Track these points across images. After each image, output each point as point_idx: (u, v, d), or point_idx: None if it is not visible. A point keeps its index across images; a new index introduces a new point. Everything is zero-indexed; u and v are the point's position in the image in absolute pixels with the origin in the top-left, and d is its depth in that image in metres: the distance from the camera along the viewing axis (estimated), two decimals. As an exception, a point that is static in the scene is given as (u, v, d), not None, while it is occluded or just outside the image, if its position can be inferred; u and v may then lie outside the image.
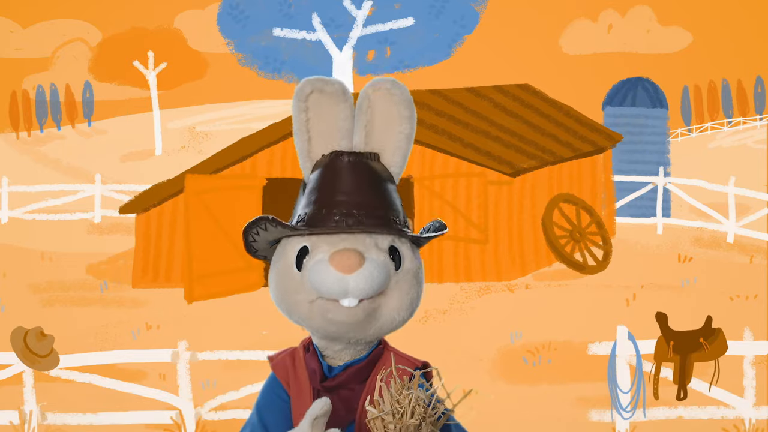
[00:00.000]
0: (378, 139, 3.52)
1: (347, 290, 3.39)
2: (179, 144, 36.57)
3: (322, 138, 3.51)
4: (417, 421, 3.25)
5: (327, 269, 3.39)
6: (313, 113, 3.50)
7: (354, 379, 3.50)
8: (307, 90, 3.50)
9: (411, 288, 3.55)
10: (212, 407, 10.60)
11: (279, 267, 3.51)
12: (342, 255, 3.38)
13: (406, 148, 3.55)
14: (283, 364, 3.59)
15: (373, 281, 3.40)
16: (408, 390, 3.28)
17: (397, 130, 3.53)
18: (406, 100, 3.52)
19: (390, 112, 3.51)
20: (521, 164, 17.22)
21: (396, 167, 3.55)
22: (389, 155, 3.54)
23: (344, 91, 3.50)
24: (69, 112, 41.60)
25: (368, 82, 3.52)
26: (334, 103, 3.50)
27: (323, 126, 3.51)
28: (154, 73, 36.55)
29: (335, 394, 3.49)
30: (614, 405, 10.17)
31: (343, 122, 3.50)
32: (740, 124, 41.82)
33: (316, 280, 3.40)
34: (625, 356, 10.13)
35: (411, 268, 3.54)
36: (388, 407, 3.25)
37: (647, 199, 22.64)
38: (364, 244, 3.43)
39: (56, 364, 9.88)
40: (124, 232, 21.32)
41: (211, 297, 16.08)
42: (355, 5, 31.67)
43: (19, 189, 24.02)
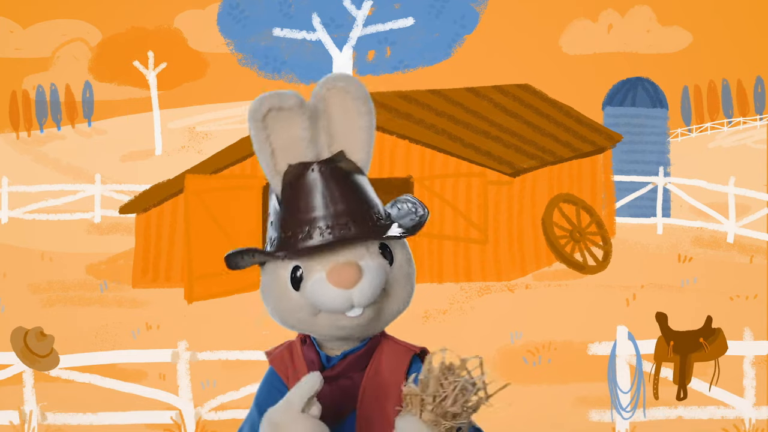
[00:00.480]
0: (341, 138, 3.48)
1: (351, 303, 3.40)
2: (179, 144, 36.57)
3: (285, 150, 3.46)
4: (458, 409, 3.25)
5: (327, 288, 3.38)
6: (272, 129, 3.45)
7: (353, 368, 3.51)
8: (264, 110, 3.46)
9: (407, 279, 3.57)
10: (212, 407, 10.60)
11: (274, 290, 3.49)
12: (340, 271, 3.36)
13: (369, 142, 3.49)
14: (281, 358, 3.60)
15: (375, 289, 3.41)
16: (455, 376, 3.27)
17: (357, 125, 3.47)
18: (363, 96, 3.47)
19: (346, 108, 3.47)
20: (521, 164, 17.22)
21: (362, 162, 3.50)
22: (354, 152, 3.49)
23: (301, 104, 3.45)
24: (69, 112, 41.60)
25: (320, 81, 3.49)
26: (293, 116, 3.44)
27: (285, 139, 3.45)
28: (154, 73, 36.55)
29: (335, 384, 3.50)
30: (614, 405, 10.17)
31: (305, 132, 3.44)
32: (740, 124, 41.81)
33: (319, 299, 3.40)
34: (625, 356, 10.12)
35: (402, 259, 3.54)
36: (432, 389, 3.25)
37: (647, 199, 22.64)
38: (356, 253, 3.41)
39: (56, 364, 9.89)
40: (124, 232, 21.32)
41: (211, 297, 16.08)
42: (355, 5, 31.66)
43: (19, 189, 24.01)
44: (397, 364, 3.52)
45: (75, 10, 42.14)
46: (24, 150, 37.90)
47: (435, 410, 3.25)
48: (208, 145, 34.58)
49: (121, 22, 40.97)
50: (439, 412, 3.25)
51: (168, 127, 37.55)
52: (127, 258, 18.46)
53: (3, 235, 22.19)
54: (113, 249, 20.35)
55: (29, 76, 41.89)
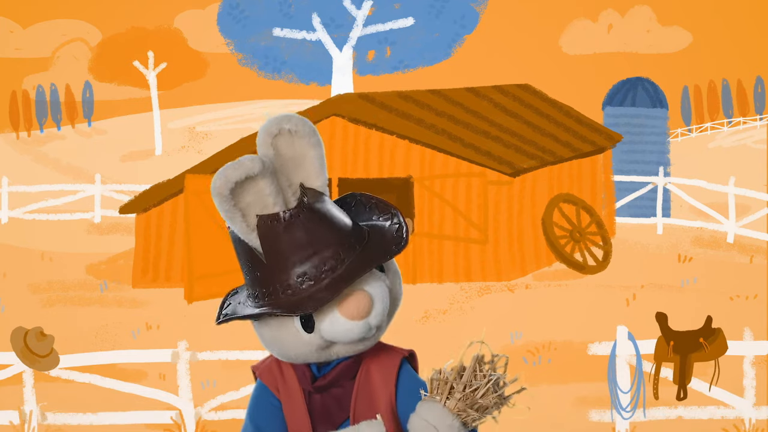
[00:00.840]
0: (296, 176, 3.50)
1: (370, 329, 3.45)
2: (179, 144, 36.57)
3: (254, 208, 3.45)
4: (487, 402, 3.24)
5: (345, 323, 3.41)
6: (238, 199, 3.44)
7: (344, 376, 3.51)
8: (230, 185, 3.42)
9: (398, 281, 3.60)
10: (212, 407, 10.60)
11: (283, 339, 3.47)
12: (352, 305, 3.40)
13: (322, 169, 3.51)
14: (269, 371, 3.59)
15: (385, 309, 3.46)
16: (488, 370, 3.27)
17: (308, 158, 3.49)
18: (309, 131, 3.48)
19: (295, 148, 3.49)
20: (521, 164, 17.22)
21: (322, 187, 3.51)
22: (312, 181, 3.50)
23: (262, 167, 3.42)
24: (69, 112, 41.60)
25: (262, 127, 3.49)
26: (257, 182, 3.43)
27: (251, 200, 3.45)
28: (154, 73, 36.55)
29: (327, 394, 3.50)
30: (614, 405, 10.17)
31: (269, 188, 3.44)
32: (740, 124, 41.82)
33: (339, 335, 3.43)
34: (625, 356, 10.13)
35: (392, 266, 3.57)
36: (466, 378, 3.25)
37: (647, 199, 22.64)
38: (362, 282, 3.43)
39: (56, 364, 9.89)
40: (124, 232, 21.32)
41: (211, 297, 16.07)
42: (355, 5, 31.66)
43: (19, 189, 24.01)
44: (387, 368, 3.53)
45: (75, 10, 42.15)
46: (24, 150, 37.90)
47: (464, 399, 3.24)
48: (208, 145, 34.59)
49: (121, 22, 40.98)
50: (468, 402, 3.24)
51: (168, 127, 37.55)
52: (127, 258, 18.47)
53: (3, 235, 22.19)
54: (113, 249, 20.36)
55: (29, 76, 41.90)
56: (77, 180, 28.24)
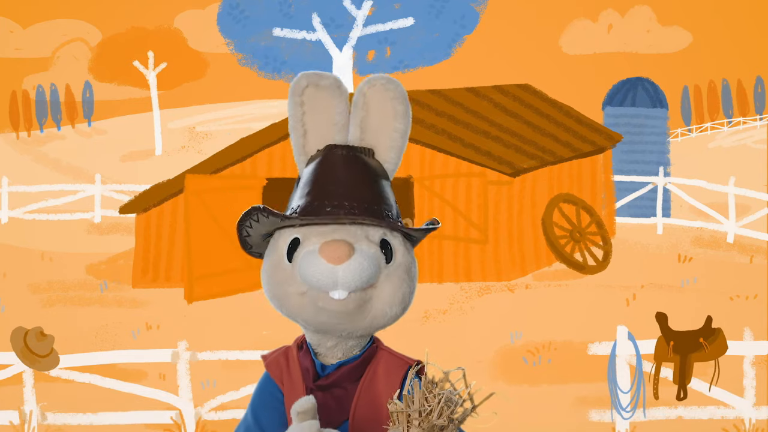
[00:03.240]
0: (373, 135, 3.52)
1: (336, 281, 3.37)
2: (179, 144, 36.56)
3: (318, 132, 3.51)
4: (444, 422, 3.25)
5: (317, 260, 3.37)
6: (309, 107, 3.51)
7: (347, 378, 3.50)
8: (303, 84, 3.51)
9: (403, 282, 3.52)
10: (212, 407, 10.60)
11: (271, 259, 3.51)
12: (331, 246, 3.36)
13: (401, 145, 3.53)
14: (276, 363, 3.59)
15: (362, 272, 3.38)
16: (439, 390, 3.27)
17: (392, 127, 3.51)
18: (401, 96, 3.50)
19: (385, 108, 3.50)
20: (521, 164, 17.22)
21: (390, 164, 3.53)
22: (384, 152, 3.52)
23: (339, 85, 3.50)
24: (69, 112, 41.60)
25: (365, 79, 3.53)
26: (329, 97, 3.50)
27: (318, 120, 3.51)
28: (154, 73, 36.55)
29: (328, 393, 3.49)
30: (614, 405, 10.17)
31: (339, 116, 3.50)
32: (740, 124, 41.82)
33: (306, 271, 3.39)
34: (625, 356, 10.13)
35: (403, 262, 3.51)
36: (416, 405, 3.24)
37: (647, 199, 22.64)
38: (354, 236, 3.41)
39: (56, 364, 9.89)
40: (124, 232, 21.33)
41: (211, 297, 16.08)
42: (355, 5, 31.66)
43: (19, 189, 24.01)
44: (392, 376, 3.51)
45: (75, 10, 42.15)
46: (24, 150, 37.90)
47: (422, 425, 3.25)
48: (208, 145, 34.58)
49: (121, 22, 40.98)
50: (425, 427, 3.25)
51: (168, 127, 37.55)
52: (127, 258, 18.47)
53: (3, 235, 22.19)
54: (113, 249, 20.36)
55: (29, 76, 41.90)
56: (77, 180, 28.23)
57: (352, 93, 3.55)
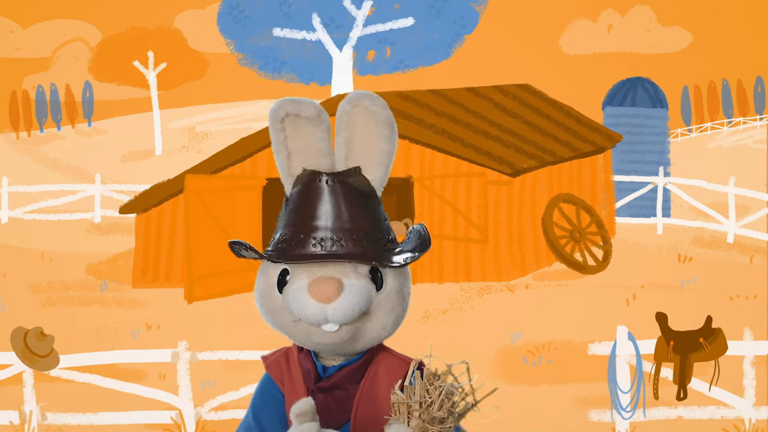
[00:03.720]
0: (358, 154, 3.49)
1: (326, 318, 3.39)
2: (179, 144, 36.55)
3: (301, 154, 3.49)
4: (444, 414, 3.25)
5: (305, 299, 3.38)
6: (290, 132, 3.49)
7: (349, 380, 3.49)
8: (282, 114, 3.49)
9: (395, 306, 3.50)
10: (212, 407, 10.60)
11: (262, 287, 3.51)
12: (319, 285, 3.36)
13: (387, 163, 3.49)
14: (277, 364, 3.59)
15: (352, 309, 3.38)
16: (440, 382, 3.27)
17: (378, 147, 3.47)
18: (387, 120, 3.46)
19: (370, 130, 3.47)
20: (521, 164, 17.21)
21: (377, 181, 3.50)
22: (371, 170, 3.49)
23: (319, 114, 3.47)
24: (69, 112, 41.59)
25: (346, 96, 3.50)
26: (310, 126, 3.48)
27: (301, 144, 3.49)
28: (154, 73, 36.55)
29: (330, 395, 3.49)
30: (614, 405, 10.17)
31: (321, 142, 3.47)
32: (740, 124, 41.81)
33: (296, 308, 3.40)
34: (625, 356, 10.12)
35: (394, 286, 3.48)
36: (417, 396, 3.25)
37: (647, 199, 22.64)
38: (342, 270, 3.40)
39: (56, 364, 9.88)
40: (124, 232, 21.32)
41: (211, 297, 16.08)
42: (355, 5, 31.66)
43: (19, 189, 24.01)
44: (394, 377, 3.50)
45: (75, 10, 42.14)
46: (24, 150, 37.89)
47: (422, 416, 3.26)
48: (208, 145, 34.57)
49: (121, 22, 40.96)
50: (426, 418, 3.26)
51: (168, 127, 37.54)
52: (127, 258, 18.46)
53: (3, 235, 22.18)
54: (113, 249, 20.35)
55: (29, 76, 41.88)
56: (77, 180, 28.22)
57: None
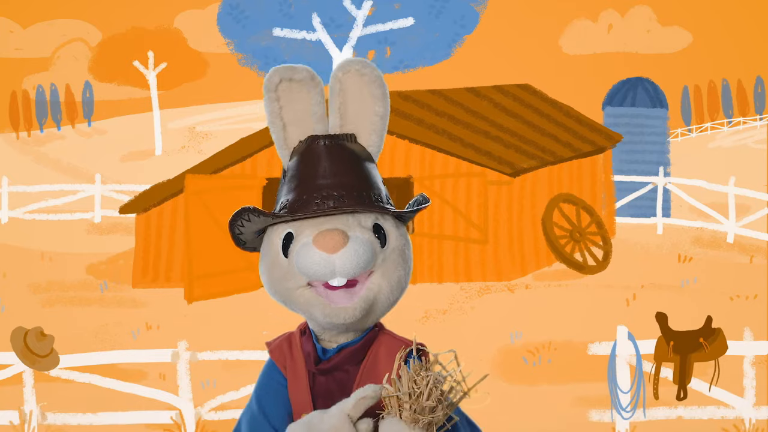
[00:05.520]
0: (353, 120, 3.52)
1: (334, 270, 3.39)
2: (179, 144, 36.58)
3: (297, 125, 3.52)
4: (433, 403, 3.25)
5: (312, 251, 3.38)
6: (285, 101, 3.51)
7: (348, 361, 3.50)
8: (276, 80, 3.51)
9: (398, 266, 3.51)
10: (212, 407, 10.60)
11: (267, 257, 3.51)
12: (325, 235, 3.37)
13: (381, 128, 3.53)
14: (279, 349, 3.60)
15: (359, 258, 3.39)
16: (427, 372, 3.28)
17: (371, 111, 3.51)
18: (378, 80, 3.50)
19: (362, 93, 3.50)
20: (521, 164, 17.22)
21: (374, 147, 3.54)
22: (366, 136, 3.53)
23: (313, 77, 3.50)
24: (69, 112, 41.62)
25: (337, 64, 3.53)
26: (304, 90, 3.50)
27: (296, 113, 3.52)
28: (154, 73, 36.55)
29: (330, 377, 3.50)
30: (614, 405, 10.17)
31: (316, 107, 3.50)
32: (740, 124, 41.84)
33: (302, 263, 3.40)
34: (625, 356, 10.13)
35: (397, 245, 3.51)
36: (406, 388, 3.25)
37: (647, 199, 22.64)
38: (347, 224, 3.42)
39: (56, 364, 9.88)
40: (124, 232, 21.33)
41: (211, 297, 16.08)
42: (355, 5, 31.67)
43: (19, 189, 24.02)
44: (394, 358, 3.50)
45: (75, 10, 42.18)
46: (24, 150, 37.91)
47: (413, 407, 3.26)
48: (208, 145, 34.59)
49: (121, 22, 41.00)
50: (416, 409, 3.26)
51: (168, 127, 37.56)
52: (127, 258, 18.46)
53: (3, 235, 22.19)
54: (113, 249, 20.36)
55: (29, 76, 41.93)
56: (77, 180, 28.25)
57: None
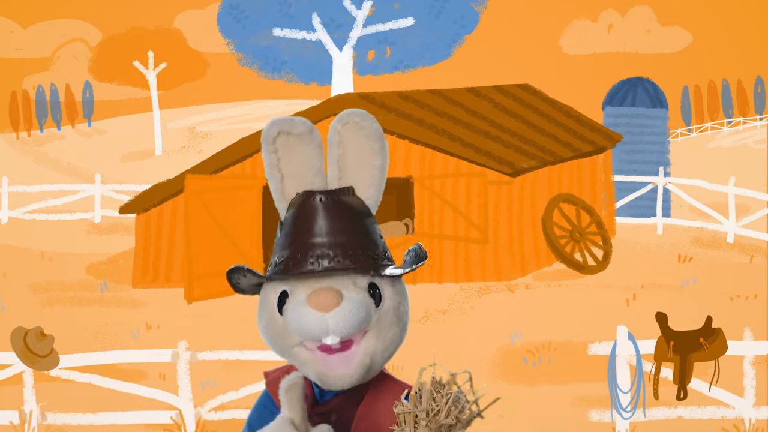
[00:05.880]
0: (351, 173, 3.50)
1: (327, 329, 3.37)
2: (179, 144, 36.58)
3: (294, 177, 3.51)
4: (452, 421, 3.25)
5: (305, 310, 3.37)
6: (283, 154, 3.51)
7: (347, 404, 3.48)
8: (274, 133, 3.51)
9: (392, 325, 3.48)
10: (212, 407, 10.60)
11: (264, 313, 3.51)
12: (319, 294, 3.36)
13: (380, 181, 3.50)
14: (276, 382, 3.58)
15: (353, 318, 3.37)
16: (447, 390, 3.27)
17: (370, 164, 3.49)
18: (376, 134, 3.48)
19: (361, 147, 3.48)
20: (521, 164, 17.22)
21: (371, 200, 3.51)
22: (364, 189, 3.50)
23: (311, 131, 3.49)
24: (69, 112, 41.62)
25: (336, 116, 3.52)
26: (302, 144, 3.49)
27: (294, 166, 3.50)
28: (154, 73, 36.55)
29: (327, 419, 3.48)
30: (614, 405, 10.17)
31: (314, 160, 3.48)
32: (740, 124, 41.85)
33: (296, 321, 3.39)
34: (625, 356, 10.13)
35: (392, 305, 3.48)
36: (425, 405, 3.24)
37: (647, 199, 22.65)
38: (341, 284, 3.41)
39: (56, 364, 9.88)
40: (124, 232, 21.33)
41: (211, 297, 16.07)
42: (355, 5, 31.67)
43: (19, 189, 24.02)
44: (393, 402, 3.49)
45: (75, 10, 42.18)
46: (24, 150, 37.91)
47: (429, 425, 3.25)
48: (208, 145, 34.59)
49: (121, 22, 41.01)
50: (433, 427, 3.25)
51: (168, 127, 37.56)
52: (127, 258, 18.46)
53: (3, 235, 22.19)
54: (113, 249, 20.36)
55: (29, 76, 41.93)
56: (77, 180, 28.25)
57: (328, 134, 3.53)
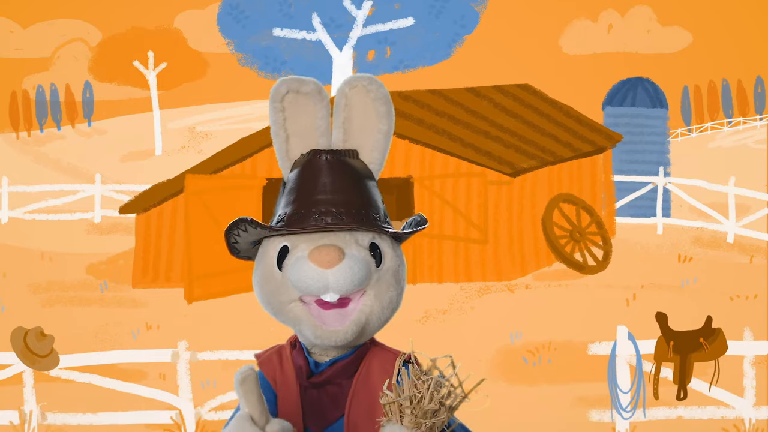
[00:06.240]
0: (356, 136, 3.52)
1: (327, 285, 3.38)
2: (179, 144, 36.57)
3: (300, 137, 3.52)
4: (435, 406, 3.25)
5: (306, 265, 3.37)
6: (290, 113, 3.51)
7: (341, 375, 3.49)
8: (283, 91, 3.52)
9: (390, 287, 3.50)
10: (212, 407, 10.60)
11: (261, 268, 3.50)
12: (321, 251, 3.37)
13: (384, 145, 3.52)
14: (269, 362, 3.58)
15: (353, 276, 3.38)
16: (427, 376, 3.27)
17: (375, 128, 3.51)
18: (383, 97, 3.50)
19: (367, 110, 3.50)
20: (521, 164, 17.22)
21: (375, 164, 3.53)
22: (368, 152, 3.52)
23: (320, 91, 3.50)
24: (69, 112, 41.61)
25: (344, 79, 3.52)
26: (310, 103, 3.50)
27: (300, 125, 3.52)
28: (154, 73, 36.55)
29: (323, 390, 3.49)
30: (614, 405, 10.17)
31: (321, 121, 3.50)
32: (740, 124, 41.83)
33: (296, 276, 3.39)
34: (625, 356, 10.13)
35: (392, 266, 3.50)
36: (407, 392, 3.25)
37: (647, 199, 22.64)
38: (343, 241, 3.42)
39: (56, 364, 9.88)
40: (124, 232, 21.32)
41: (211, 297, 16.08)
42: (355, 5, 31.66)
43: (19, 189, 24.01)
44: (387, 370, 3.49)
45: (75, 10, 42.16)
46: (24, 150, 37.90)
47: (414, 412, 3.26)
48: (208, 145, 34.59)
49: (121, 22, 40.99)
50: (418, 413, 3.26)
51: (168, 127, 37.55)
52: (127, 258, 18.46)
53: (3, 235, 22.19)
54: (113, 249, 20.36)
55: (29, 76, 41.91)
56: (77, 180, 28.24)
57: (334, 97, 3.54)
